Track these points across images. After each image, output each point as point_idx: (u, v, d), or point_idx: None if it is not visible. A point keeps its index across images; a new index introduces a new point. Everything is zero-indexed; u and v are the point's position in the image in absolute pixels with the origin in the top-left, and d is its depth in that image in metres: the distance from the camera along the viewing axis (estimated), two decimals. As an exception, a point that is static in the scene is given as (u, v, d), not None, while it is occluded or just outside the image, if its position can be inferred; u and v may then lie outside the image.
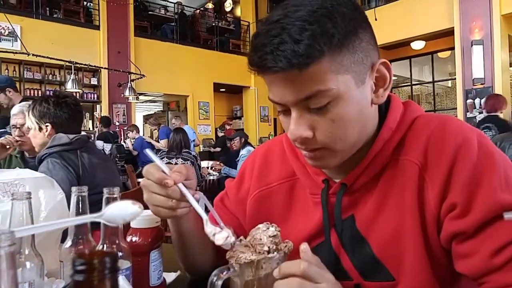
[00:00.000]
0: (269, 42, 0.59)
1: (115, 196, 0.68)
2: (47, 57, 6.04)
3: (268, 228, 0.56)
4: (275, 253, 0.54)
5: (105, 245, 0.69)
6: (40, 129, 1.78)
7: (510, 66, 7.37)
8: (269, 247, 0.55)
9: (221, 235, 0.61)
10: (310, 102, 0.61)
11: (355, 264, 0.70)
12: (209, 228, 0.63)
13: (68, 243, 0.71)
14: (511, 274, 0.57)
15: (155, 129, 7.99)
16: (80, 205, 0.70)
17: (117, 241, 0.70)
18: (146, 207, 0.66)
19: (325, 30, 0.58)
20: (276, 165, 0.84)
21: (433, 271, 0.65)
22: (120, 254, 0.70)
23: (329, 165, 0.70)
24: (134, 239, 0.77)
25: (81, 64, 6.71)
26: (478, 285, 0.61)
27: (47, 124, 1.77)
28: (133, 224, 0.78)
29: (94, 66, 7.60)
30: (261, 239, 0.55)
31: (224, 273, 0.58)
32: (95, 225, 0.72)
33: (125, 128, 7.76)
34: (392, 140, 0.69)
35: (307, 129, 0.63)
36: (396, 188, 0.68)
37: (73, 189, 0.71)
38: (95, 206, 0.69)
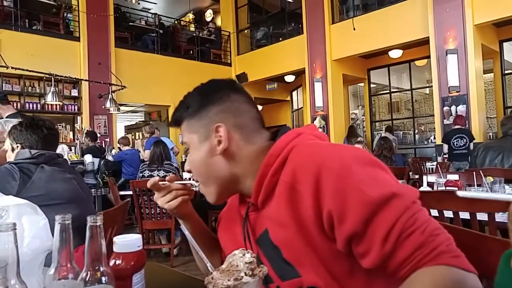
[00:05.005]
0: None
1: (98, 224, 0.71)
2: (27, 70, 5.98)
3: (244, 255, 0.59)
4: (251, 278, 0.57)
5: (88, 272, 0.71)
6: (13, 150, 1.92)
7: (484, 74, 7.60)
8: (245, 273, 0.57)
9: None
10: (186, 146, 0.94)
11: (275, 270, 0.84)
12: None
13: (52, 270, 0.73)
14: (401, 252, 0.65)
15: (147, 137, 7.90)
16: (64, 232, 0.72)
17: (101, 267, 0.72)
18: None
19: (187, 104, 0.92)
20: None
21: (327, 264, 0.76)
22: (103, 279, 0.72)
23: (210, 199, 0.94)
24: (117, 262, 0.79)
25: (61, 76, 6.65)
26: (386, 272, 0.69)
27: (17, 145, 1.91)
28: (115, 249, 0.81)
29: (75, 78, 7.54)
30: (237, 265, 0.58)
31: (203, 298, 0.60)
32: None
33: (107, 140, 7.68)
34: (274, 165, 0.84)
35: (187, 165, 0.96)
36: (282, 202, 0.81)
37: (57, 217, 0.73)
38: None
